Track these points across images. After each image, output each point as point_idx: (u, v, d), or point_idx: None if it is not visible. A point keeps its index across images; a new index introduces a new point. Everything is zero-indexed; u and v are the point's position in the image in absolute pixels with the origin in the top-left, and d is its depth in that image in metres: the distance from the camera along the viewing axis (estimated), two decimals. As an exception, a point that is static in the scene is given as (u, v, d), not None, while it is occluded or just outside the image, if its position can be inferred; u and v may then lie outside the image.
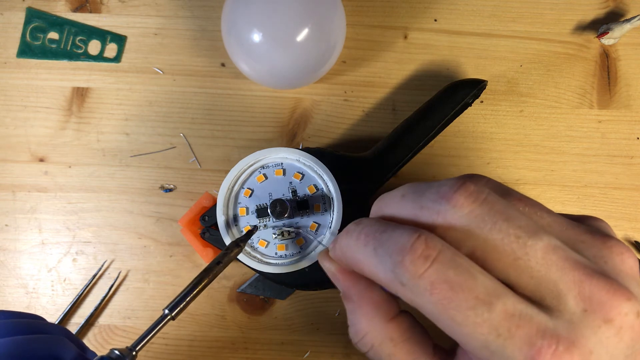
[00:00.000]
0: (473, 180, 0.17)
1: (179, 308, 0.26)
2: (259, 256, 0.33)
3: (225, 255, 0.29)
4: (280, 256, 0.33)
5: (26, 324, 0.24)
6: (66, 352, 0.23)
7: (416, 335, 0.19)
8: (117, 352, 0.23)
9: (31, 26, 0.39)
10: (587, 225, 0.18)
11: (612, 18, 0.39)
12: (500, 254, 0.16)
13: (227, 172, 0.33)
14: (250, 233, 0.31)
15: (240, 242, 0.30)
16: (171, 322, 0.26)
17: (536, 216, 0.17)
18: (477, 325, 0.15)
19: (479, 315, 0.15)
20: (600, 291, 0.15)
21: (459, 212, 0.17)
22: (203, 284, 0.27)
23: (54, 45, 0.39)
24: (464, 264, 0.16)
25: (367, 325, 0.19)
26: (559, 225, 0.17)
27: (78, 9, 0.39)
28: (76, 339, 0.25)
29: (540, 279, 0.16)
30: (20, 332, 0.23)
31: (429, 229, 0.17)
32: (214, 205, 0.33)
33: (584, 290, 0.15)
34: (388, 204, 0.19)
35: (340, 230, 0.32)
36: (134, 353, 0.24)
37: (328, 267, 0.22)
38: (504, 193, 0.18)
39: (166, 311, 0.26)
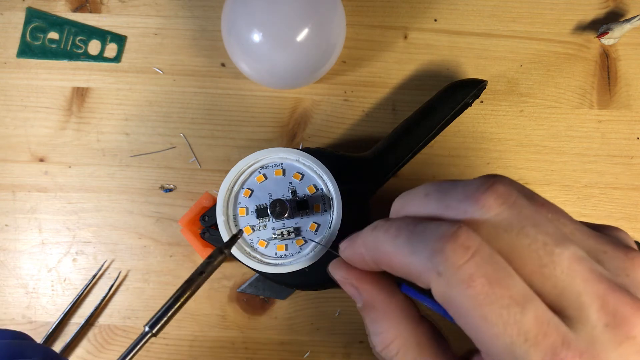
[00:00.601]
0: (500, 181, 0.17)
1: (160, 324, 0.25)
2: (258, 256, 0.33)
3: (209, 264, 0.27)
4: (280, 256, 0.33)
5: (7, 346, 0.23)
6: None
7: (440, 342, 0.19)
8: None
9: (31, 26, 0.39)
10: (608, 235, 0.17)
11: (612, 18, 0.39)
12: (526, 260, 0.16)
13: (227, 172, 0.33)
14: (234, 238, 0.29)
15: (224, 249, 0.28)
16: (171, 322, 0.26)
17: (559, 223, 0.17)
18: (507, 326, 0.15)
19: (512, 316, 0.15)
20: (623, 306, 0.15)
21: (486, 214, 0.16)
22: (185, 296, 0.25)
23: (54, 45, 0.39)
24: (501, 262, 0.16)
25: (396, 330, 0.19)
26: (581, 234, 0.17)
27: (78, 9, 0.39)
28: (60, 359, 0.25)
29: (564, 288, 0.15)
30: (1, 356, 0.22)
31: None
32: (214, 205, 0.33)
33: (607, 304, 0.15)
34: (410, 203, 0.19)
35: (339, 231, 0.32)
36: None
37: (344, 277, 0.21)
38: (528, 197, 0.17)
39: (146, 328, 0.24)
